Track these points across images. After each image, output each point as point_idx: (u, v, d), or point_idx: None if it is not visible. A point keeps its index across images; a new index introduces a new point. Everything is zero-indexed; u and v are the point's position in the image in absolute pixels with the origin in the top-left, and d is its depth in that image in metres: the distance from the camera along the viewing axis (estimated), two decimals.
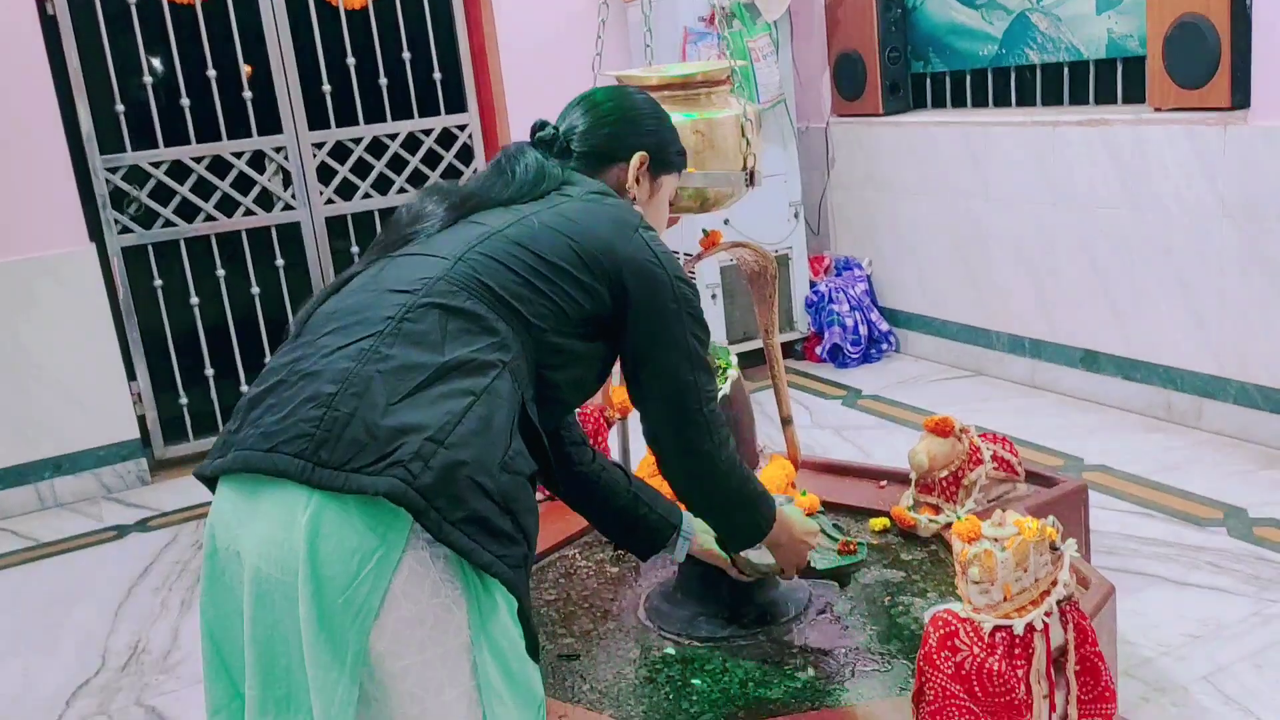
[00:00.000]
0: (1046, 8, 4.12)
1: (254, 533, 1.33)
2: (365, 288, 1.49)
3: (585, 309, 1.53)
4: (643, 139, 1.77)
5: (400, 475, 1.27)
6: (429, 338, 1.38)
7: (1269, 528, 3.01)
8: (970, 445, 2.50)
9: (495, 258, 1.49)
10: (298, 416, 1.33)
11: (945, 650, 1.61)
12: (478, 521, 1.31)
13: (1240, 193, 3.41)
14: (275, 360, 1.45)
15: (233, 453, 1.37)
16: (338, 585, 1.27)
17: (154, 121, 4.28)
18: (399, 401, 1.32)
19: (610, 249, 1.55)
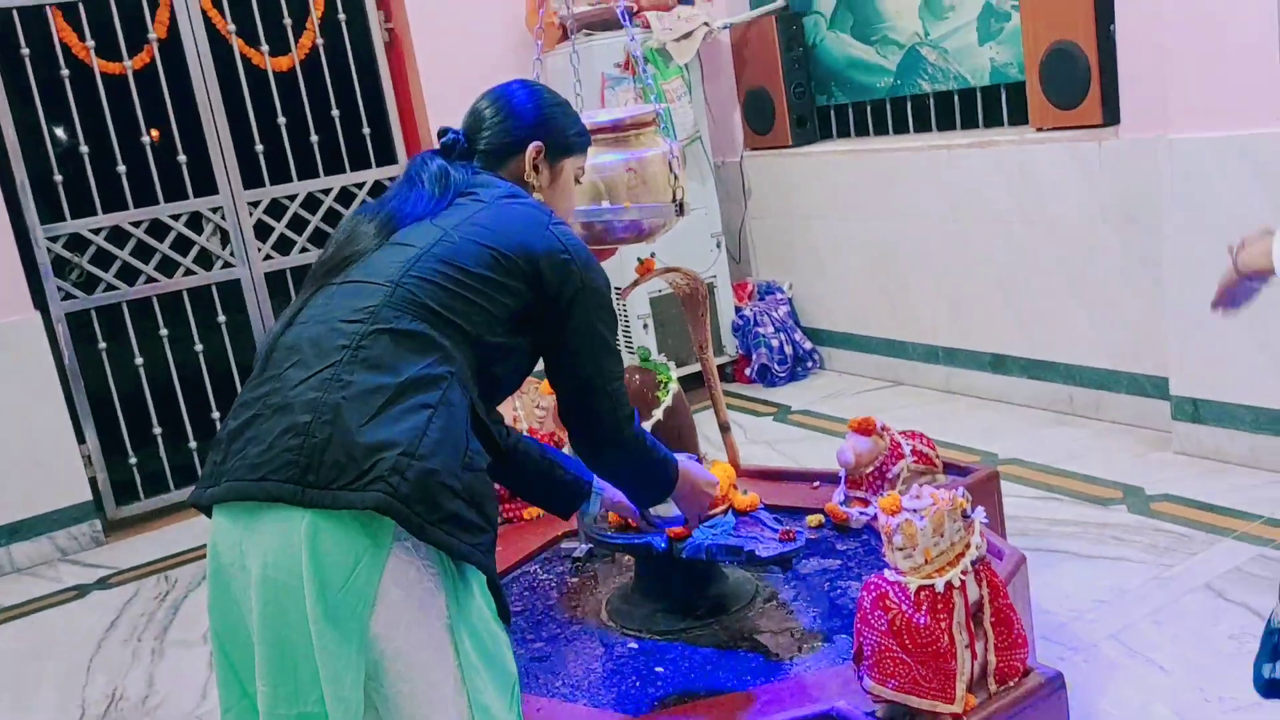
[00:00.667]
0: (934, 41, 4.45)
1: (258, 545, 1.50)
2: (317, 319, 1.64)
3: (511, 307, 1.67)
4: (534, 129, 1.87)
5: (383, 489, 1.44)
6: (383, 361, 1.54)
7: (1164, 503, 3.30)
8: (891, 441, 2.74)
9: (427, 278, 1.62)
10: (280, 447, 1.50)
11: (878, 610, 1.84)
12: (452, 519, 1.50)
13: (1118, 200, 3.74)
14: (246, 394, 1.62)
15: (225, 483, 1.53)
16: (337, 581, 1.45)
17: (91, 189, 4.39)
18: (367, 423, 1.48)
19: (527, 249, 1.68)
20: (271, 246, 4.78)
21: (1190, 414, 3.56)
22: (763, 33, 5.00)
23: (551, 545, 2.88)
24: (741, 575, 2.52)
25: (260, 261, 4.74)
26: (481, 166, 1.86)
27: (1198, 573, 2.84)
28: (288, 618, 1.47)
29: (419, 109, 4.98)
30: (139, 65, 4.45)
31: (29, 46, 4.23)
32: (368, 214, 1.77)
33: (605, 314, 1.77)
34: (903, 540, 1.82)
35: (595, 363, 1.77)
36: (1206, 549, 2.97)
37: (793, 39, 4.97)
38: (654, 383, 2.38)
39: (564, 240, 1.72)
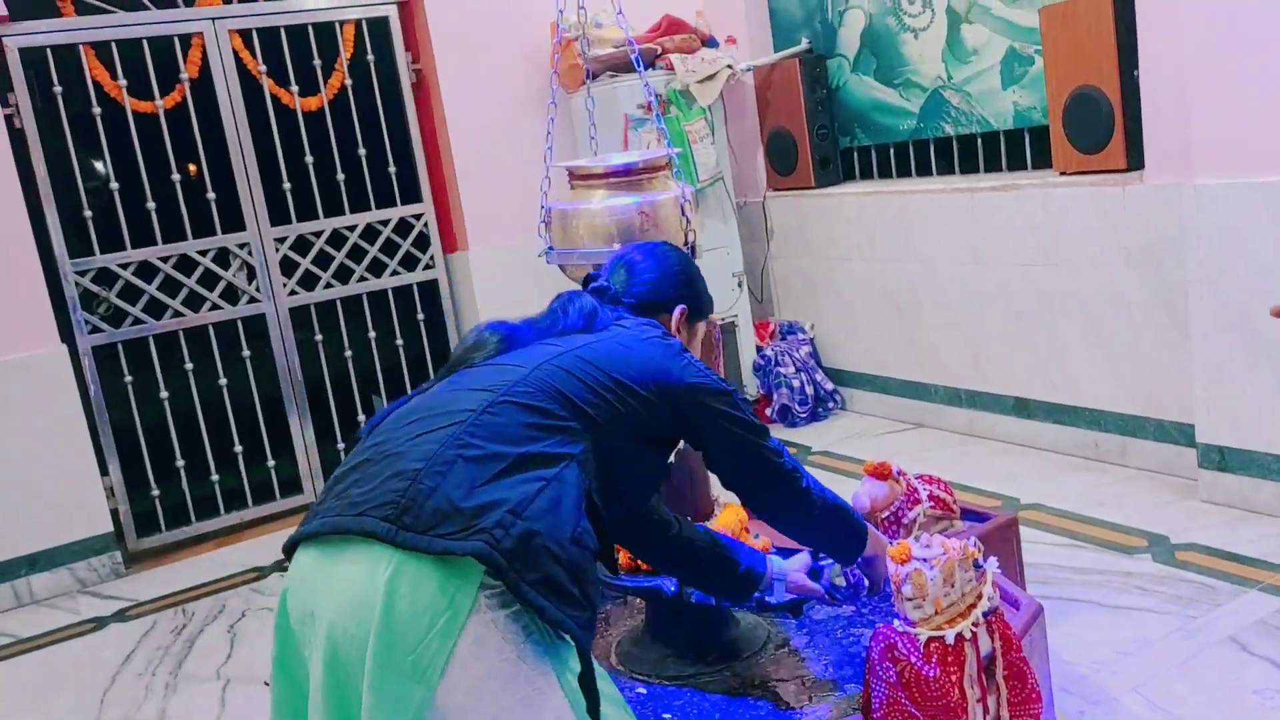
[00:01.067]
0: (957, 85, 4.46)
1: (332, 588, 1.47)
2: (443, 390, 1.69)
3: (643, 418, 1.73)
4: (681, 292, 2.03)
5: (486, 540, 1.43)
6: (507, 431, 1.57)
7: (1189, 552, 3.24)
8: (908, 486, 2.71)
9: (568, 370, 1.69)
10: (384, 488, 1.50)
11: (886, 661, 1.81)
12: (549, 583, 1.47)
13: (1142, 245, 3.71)
14: (363, 444, 1.63)
15: (318, 520, 1.53)
16: (408, 642, 1.40)
17: (121, 224, 4.45)
18: (480, 486, 1.50)
19: (665, 371, 1.76)
20: (296, 282, 4.83)
21: (1217, 462, 3.51)
22: (786, 75, 5.02)
23: None
24: (753, 621, 2.49)
25: (285, 296, 4.79)
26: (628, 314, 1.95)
27: (1222, 625, 2.79)
28: (350, 676, 1.44)
29: (444, 148, 5.03)
30: (170, 104, 4.53)
31: (62, 84, 4.31)
32: (499, 329, 1.83)
33: (739, 422, 1.83)
34: (912, 590, 1.79)
35: (754, 455, 1.84)
36: (1232, 600, 2.91)
37: (816, 81, 4.99)
38: None
39: (697, 367, 1.81)
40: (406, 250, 5.06)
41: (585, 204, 2.29)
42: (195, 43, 4.55)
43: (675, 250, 2.09)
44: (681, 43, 4.97)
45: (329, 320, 4.91)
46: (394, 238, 5.03)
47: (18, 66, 4.22)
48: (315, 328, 4.87)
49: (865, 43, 4.85)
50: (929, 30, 4.52)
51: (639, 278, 2.00)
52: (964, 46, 4.39)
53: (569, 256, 2.32)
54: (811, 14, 5.09)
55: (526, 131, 4.87)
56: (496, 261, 5.03)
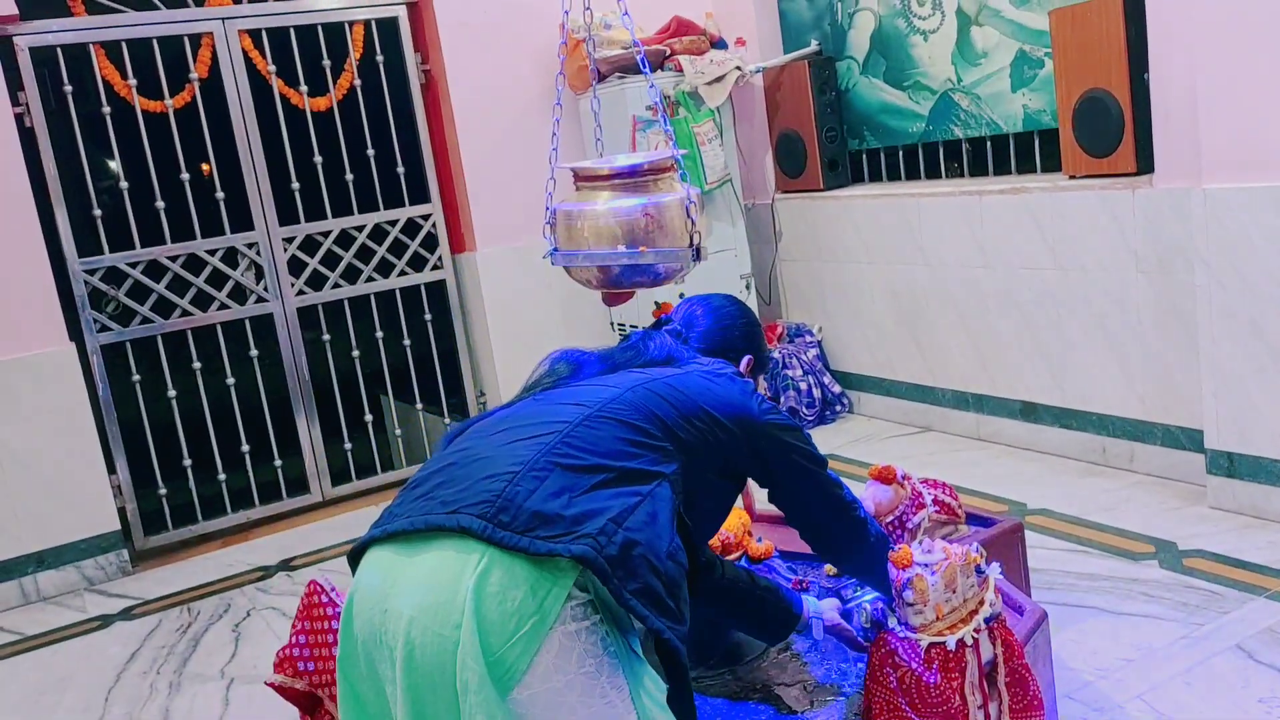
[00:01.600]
0: (967, 87, 4.44)
1: (413, 583, 1.45)
2: (533, 406, 1.71)
3: (727, 450, 1.77)
4: (749, 344, 2.11)
5: (590, 544, 1.44)
6: (604, 445, 1.59)
7: (1196, 559, 3.22)
8: (912, 491, 2.70)
9: (660, 395, 1.72)
10: (479, 488, 1.50)
11: (887, 667, 1.80)
12: (649, 594, 1.48)
13: (1151, 250, 3.70)
14: (445, 454, 1.63)
15: (403, 519, 1.51)
16: (495, 640, 1.39)
17: (130, 223, 4.47)
18: (581, 495, 1.51)
19: (745, 407, 1.81)
20: (304, 282, 4.83)
21: (1225, 468, 3.49)
22: (795, 77, 5.01)
23: None
24: None
25: (293, 296, 4.80)
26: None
27: (1229, 632, 2.77)
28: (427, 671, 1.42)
29: (453, 149, 5.03)
30: (180, 104, 4.54)
31: (72, 83, 4.33)
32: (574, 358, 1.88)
33: (808, 456, 1.89)
34: (913, 595, 1.78)
35: (819, 486, 1.90)
36: (1239, 607, 2.89)
37: (825, 83, 4.98)
38: None
39: (767, 407, 1.86)
40: (414, 250, 5.07)
41: (590, 205, 2.29)
42: (205, 42, 4.56)
43: (739, 303, 2.17)
44: (690, 44, 4.97)
45: (336, 320, 4.91)
46: (402, 238, 5.03)
47: (28, 66, 4.23)
48: (323, 327, 4.88)
49: (875, 45, 4.84)
50: (939, 33, 4.51)
51: (710, 327, 2.08)
52: (974, 49, 4.38)
53: (573, 258, 2.32)
54: (821, 16, 5.08)
55: (535, 133, 4.87)
56: (504, 262, 5.03)
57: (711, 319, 2.09)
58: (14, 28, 4.20)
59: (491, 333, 5.07)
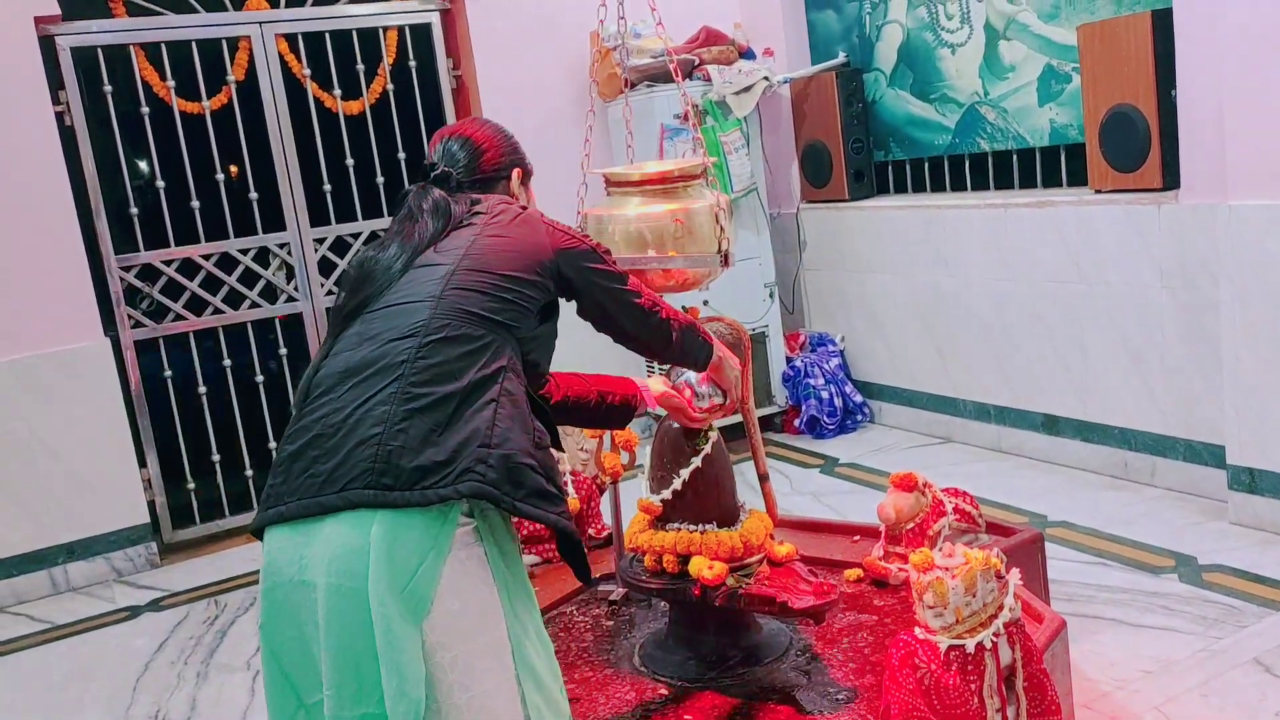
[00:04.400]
0: (994, 101, 4.47)
1: (323, 555, 1.59)
2: (365, 340, 1.74)
3: (539, 301, 1.86)
4: (512, 158, 2.11)
5: (474, 479, 1.60)
6: (443, 369, 1.67)
7: (1216, 573, 3.23)
8: (933, 499, 2.73)
9: (465, 287, 1.77)
10: (354, 459, 1.61)
11: (906, 668, 1.83)
12: (537, 493, 1.66)
13: (1176, 265, 3.71)
14: (303, 419, 1.71)
15: (294, 500, 1.63)
16: (401, 580, 1.55)
17: (166, 222, 4.55)
18: (443, 431, 1.62)
19: (539, 245, 1.88)
20: (334, 282, 4.90)
21: (1246, 484, 3.49)
22: (823, 88, 5.05)
23: (589, 587, 2.90)
24: (776, 627, 2.51)
25: (322, 296, 4.87)
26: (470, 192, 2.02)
27: (1247, 646, 2.78)
28: (351, 620, 1.56)
29: None
30: (217, 105, 4.62)
31: (112, 83, 4.42)
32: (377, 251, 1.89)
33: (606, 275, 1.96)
34: (933, 598, 1.81)
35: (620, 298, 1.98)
36: (1258, 622, 2.90)
37: (852, 95, 5.02)
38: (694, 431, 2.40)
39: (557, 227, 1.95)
40: None
41: (620, 210, 2.33)
42: (242, 45, 4.64)
43: (489, 123, 2.16)
44: (719, 54, 5.01)
45: None
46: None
47: (69, 65, 4.32)
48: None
49: (902, 57, 4.87)
50: (966, 46, 4.54)
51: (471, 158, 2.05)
52: (1001, 63, 4.40)
53: None
54: (849, 28, 5.12)
55: (564, 139, 4.90)
56: None
57: (470, 149, 2.06)
58: (55, 28, 4.29)
59: None
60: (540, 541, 3.11)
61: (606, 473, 2.83)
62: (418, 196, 1.96)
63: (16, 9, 4.13)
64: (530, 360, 1.87)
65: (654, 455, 2.45)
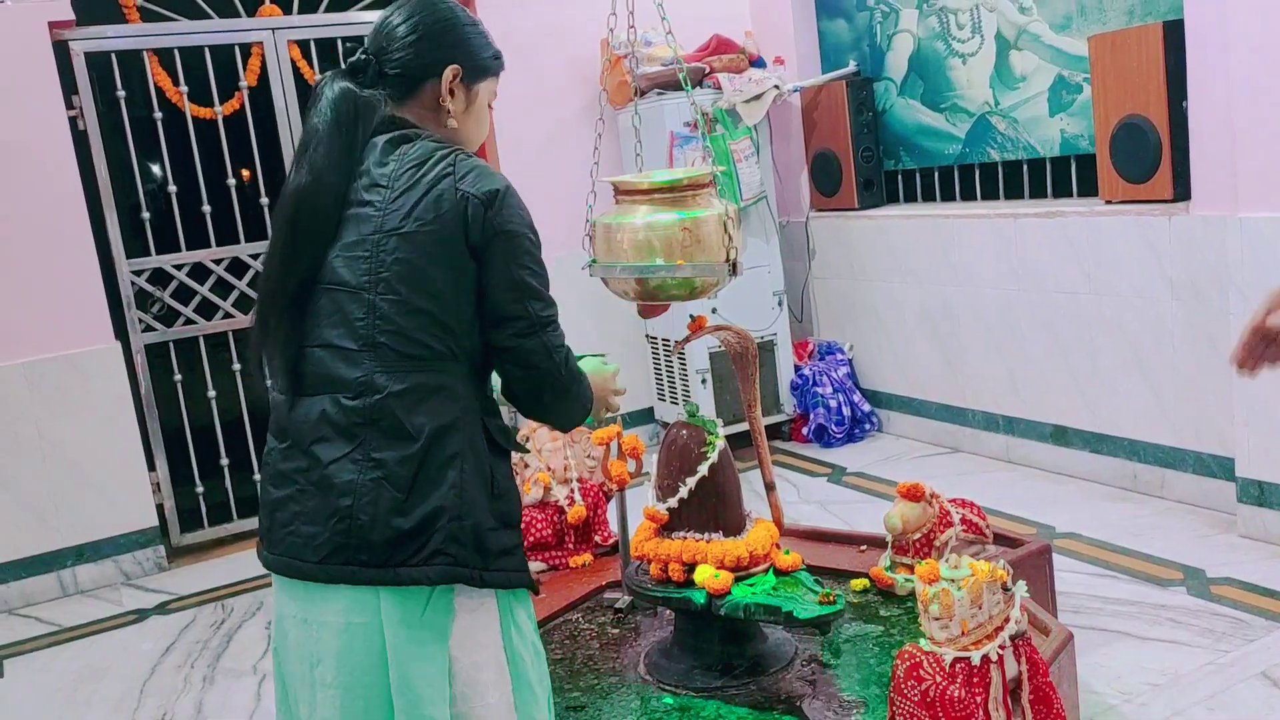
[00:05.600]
0: (1004, 111, 4.46)
1: (334, 606, 1.57)
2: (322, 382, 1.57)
3: (472, 304, 1.58)
4: (452, 50, 1.70)
5: (444, 562, 1.53)
6: (400, 428, 1.53)
7: (1225, 586, 3.22)
8: (940, 509, 2.72)
9: (397, 331, 1.54)
10: (330, 530, 1.55)
11: (911, 680, 1.82)
12: (500, 554, 1.59)
13: (1186, 277, 3.70)
14: (283, 463, 1.60)
15: (281, 556, 1.60)
16: (416, 614, 1.54)
17: (177, 226, 4.57)
18: (408, 498, 1.53)
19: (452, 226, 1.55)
20: None
21: (1256, 497, 3.48)
22: (833, 97, 5.05)
23: (594, 595, 2.90)
24: (781, 636, 2.51)
25: None
26: (393, 93, 1.69)
27: (1254, 660, 2.76)
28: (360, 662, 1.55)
29: (491, 160, 5.10)
30: (229, 111, 4.64)
31: (125, 88, 4.44)
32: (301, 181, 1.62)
33: (533, 261, 1.65)
34: (939, 610, 1.81)
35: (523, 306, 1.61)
36: (1266, 635, 2.89)
37: (863, 104, 5.02)
38: (701, 439, 2.40)
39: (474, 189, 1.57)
40: None
41: (629, 218, 2.33)
42: (255, 51, 4.66)
43: (434, 4, 1.72)
44: (729, 62, 5.02)
45: None
46: None
47: (83, 70, 4.34)
48: None
49: (913, 67, 4.87)
50: (977, 56, 4.54)
51: (398, 42, 1.68)
52: (1012, 73, 4.40)
53: (611, 270, 2.36)
54: (860, 37, 5.12)
55: (573, 146, 4.93)
56: None
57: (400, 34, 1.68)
58: (70, 33, 4.32)
59: None
60: (546, 548, 3.12)
61: (613, 480, 2.83)
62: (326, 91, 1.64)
63: (31, 14, 4.15)
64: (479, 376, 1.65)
65: (661, 463, 2.45)
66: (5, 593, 4.19)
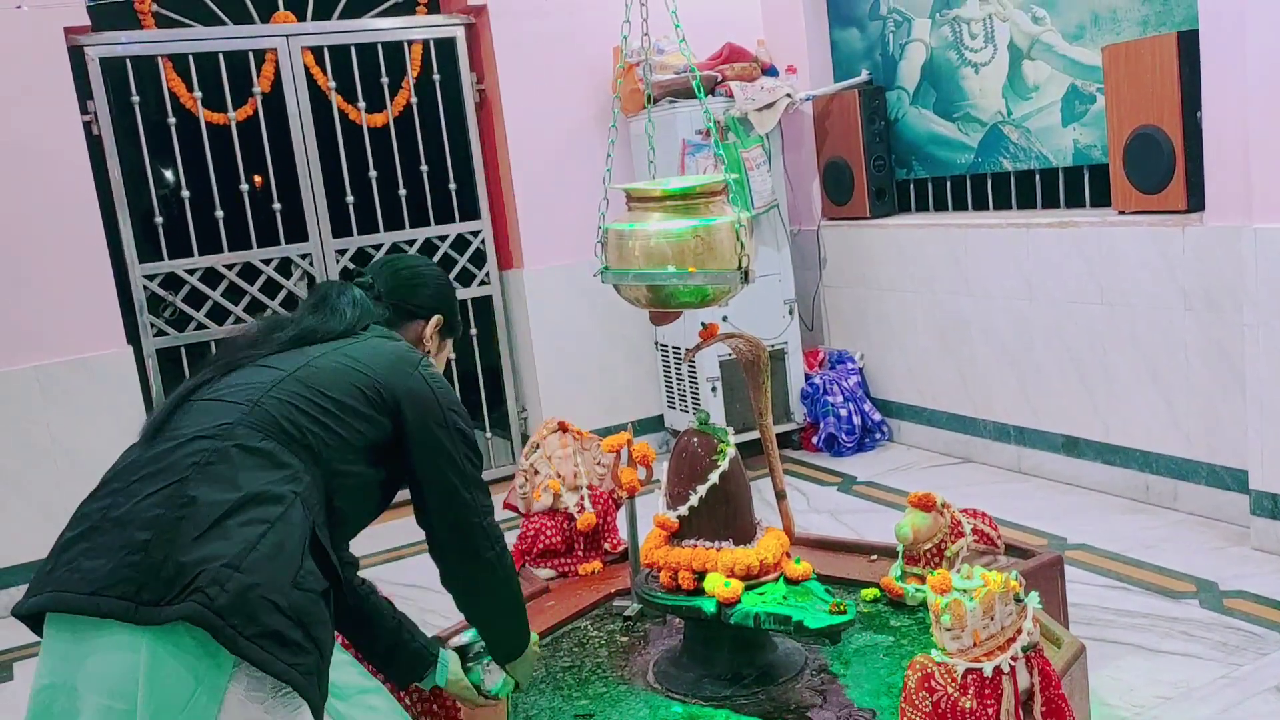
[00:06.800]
0: (1017, 120, 4.45)
1: (91, 670, 1.47)
2: (172, 434, 1.63)
3: (368, 437, 1.74)
4: (437, 303, 2.09)
5: (199, 600, 1.43)
6: (226, 476, 1.55)
7: (1238, 599, 3.19)
8: (952, 519, 2.71)
9: (286, 399, 1.68)
10: (118, 562, 1.47)
11: (923, 691, 1.81)
12: (271, 635, 1.47)
13: (1200, 288, 3.68)
14: (87, 506, 1.60)
15: (49, 593, 1.50)
16: (174, 708, 1.43)
17: (190, 231, 4.59)
18: (200, 536, 1.48)
19: (389, 383, 1.78)
20: None
21: (1270, 509, 3.45)
22: (845, 105, 5.05)
23: (604, 602, 2.89)
24: (791, 646, 2.50)
25: None
26: (386, 318, 2.01)
27: (1267, 674, 2.74)
28: None
29: (504, 167, 5.12)
30: (242, 116, 4.66)
31: (139, 94, 4.46)
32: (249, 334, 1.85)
33: (471, 450, 1.85)
34: (951, 620, 1.80)
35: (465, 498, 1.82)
36: (1279, 650, 2.86)
37: (875, 113, 5.01)
38: (712, 447, 2.40)
39: (430, 380, 1.83)
40: (463, 266, 5.15)
41: (641, 226, 2.34)
42: (269, 58, 4.68)
43: (433, 265, 2.19)
44: (742, 71, 5.02)
45: None
46: (451, 253, 5.12)
47: (98, 75, 4.37)
48: None
49: (925, 76, 4.87)
50: (990, 65, 4.53)
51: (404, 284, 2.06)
52: (1025, 83, 4.39)
53: (623, 277, 2.36)
54: (872, 46, 5.12)
55: (585, 153, 4.94)
56: (551, 280, 5.10)
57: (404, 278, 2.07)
58: (85, 38, 4.34)
59: (535, 349, 5.14)
60: (555, 555, 3.11)
61: (623, 488, 2.82)
62: (338, 289, 1.96)
63: (47, 19, 4.18)
64: (335, 505, 1.70)
65: (671, 471, 2.45)
66: (15, 595, 4.20)
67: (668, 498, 2.44)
